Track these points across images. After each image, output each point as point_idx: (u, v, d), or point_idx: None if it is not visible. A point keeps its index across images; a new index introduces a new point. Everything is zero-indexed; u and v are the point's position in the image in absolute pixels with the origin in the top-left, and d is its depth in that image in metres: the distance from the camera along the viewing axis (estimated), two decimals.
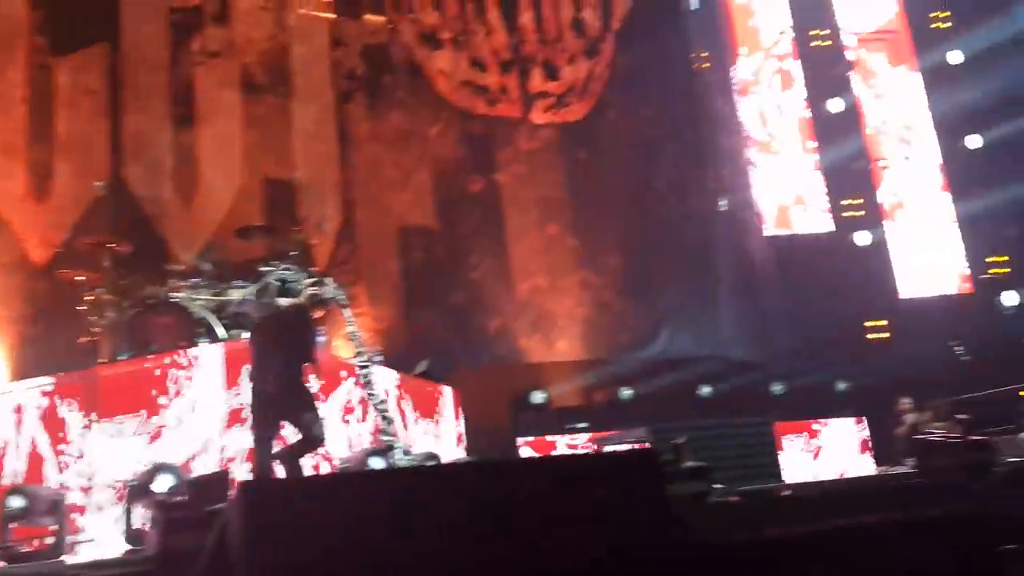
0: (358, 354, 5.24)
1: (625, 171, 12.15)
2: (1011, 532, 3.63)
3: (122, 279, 7.27)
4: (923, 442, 6.31)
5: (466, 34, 11.56)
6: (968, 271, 12.04)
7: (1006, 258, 11.74)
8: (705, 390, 10.66)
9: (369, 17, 11.09)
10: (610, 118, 12.32)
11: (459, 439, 8.06)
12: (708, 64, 12.96)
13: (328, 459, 5.47)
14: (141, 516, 4.83)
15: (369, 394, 5.02)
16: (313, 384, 4.82)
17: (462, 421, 8.28)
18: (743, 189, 12.47)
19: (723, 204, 12.51)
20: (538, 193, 11.66)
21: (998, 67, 11.14)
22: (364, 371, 5.17)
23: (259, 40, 10.44)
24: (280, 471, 4.44)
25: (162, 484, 4.92)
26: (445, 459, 6.53)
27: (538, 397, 10.05)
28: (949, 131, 12.33)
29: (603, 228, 11.78)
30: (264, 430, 4.50)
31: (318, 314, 5.25)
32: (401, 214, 10.82)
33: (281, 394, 4.50)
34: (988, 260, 11.77)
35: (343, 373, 6.08)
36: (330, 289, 5.15)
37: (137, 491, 4.98)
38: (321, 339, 5.53)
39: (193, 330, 6.73)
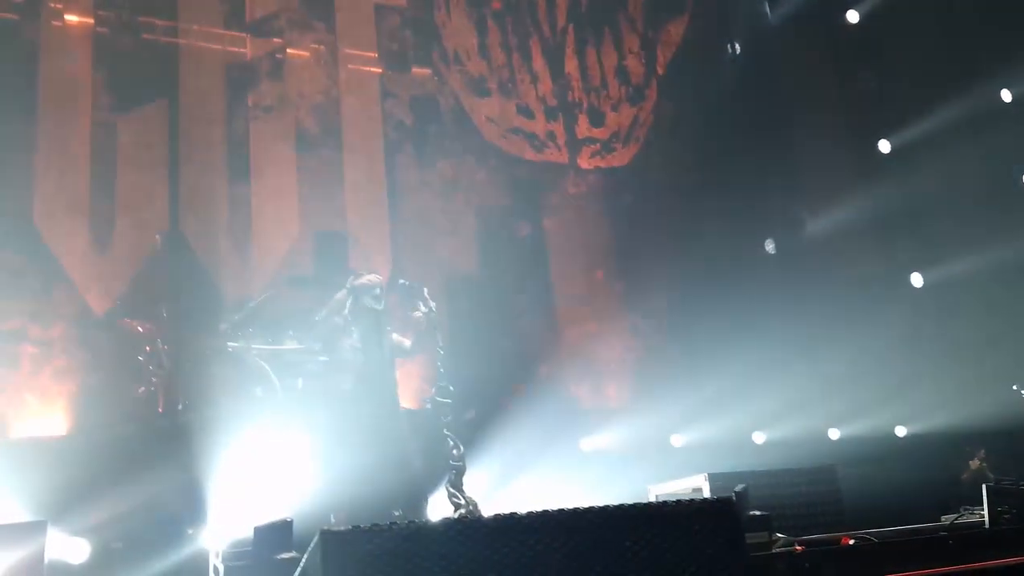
0: (441, 389, 4.87)
1: (671, 215, 12.15)
2: None
3: (179, 330, 7.44)
4: (994, 489, 6.11)
5: (513, 82, 11.74)
6: None
7: None
8: (760, 436, 10.48)
9: (416, 69, 11.32)
10: (655, 163, 12.37)
11: None
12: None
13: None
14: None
15: (447, 437, 4.76)
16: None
17: None
18: (794, 233, 12.34)
19: (770, 247, 12.40)
20: (584, 238, 11.68)
21: None
22: (448, 411, 4.86)
23: (311, 95, 10.69)
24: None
25: (226, 532, 4.95)
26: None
27: (588, 444, 9.94)
28: None
29: (650, 272, 11.74)
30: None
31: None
32: (448, 261, 10.89)
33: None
34: None
35: None
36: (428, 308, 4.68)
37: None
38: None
39: (249, 379, 6.84)
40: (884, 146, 12.73)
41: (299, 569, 2.16)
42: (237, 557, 3.86)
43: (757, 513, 5.33)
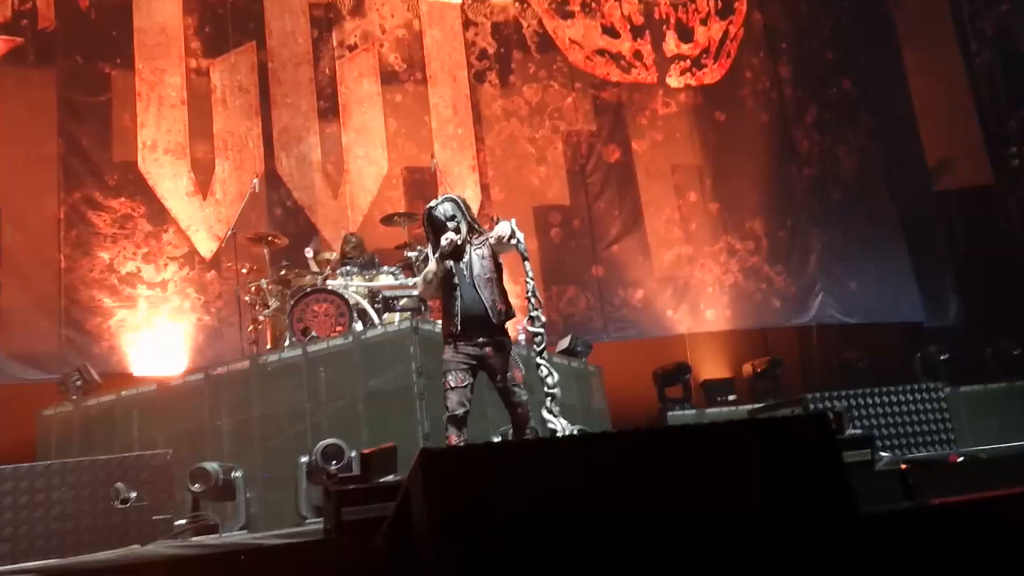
0: (533, 319, 4.85)
1: (765, 132, 11.77)
2: None
3: (281, 270, 7.69)
4: None
5: (596, 1, 11.42)
6: None
7: None
8: (861, 356, 10.22)
9: None
10: (748, 78, 11.93)
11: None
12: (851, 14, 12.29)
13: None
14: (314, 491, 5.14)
15: (540, 365, 4.78)
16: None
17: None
18: (900, 144, 11.78)
19: (873, 159, 11.90)
20: (676, 160, 11.44)
21: None
22: (539, 340, 4.84)
23: (393, 29, 10.69)
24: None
25: (335, 459, 5.19)
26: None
27: (685, 369, 9.89)
28: None
29: (745, 192, 11.46)
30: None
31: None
32: (537, 190, 10.87)
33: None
34: None
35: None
36: (512, 230, 4.61)
37: (310, 467, 5.28)
38: None
39: (350, 315, 7.04)
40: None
41: (403, 487, 2.26)
42: (345, 481, 4.06)
43: (858, 431, 5.24)
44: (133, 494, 4.98)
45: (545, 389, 4.65)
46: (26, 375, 8.61)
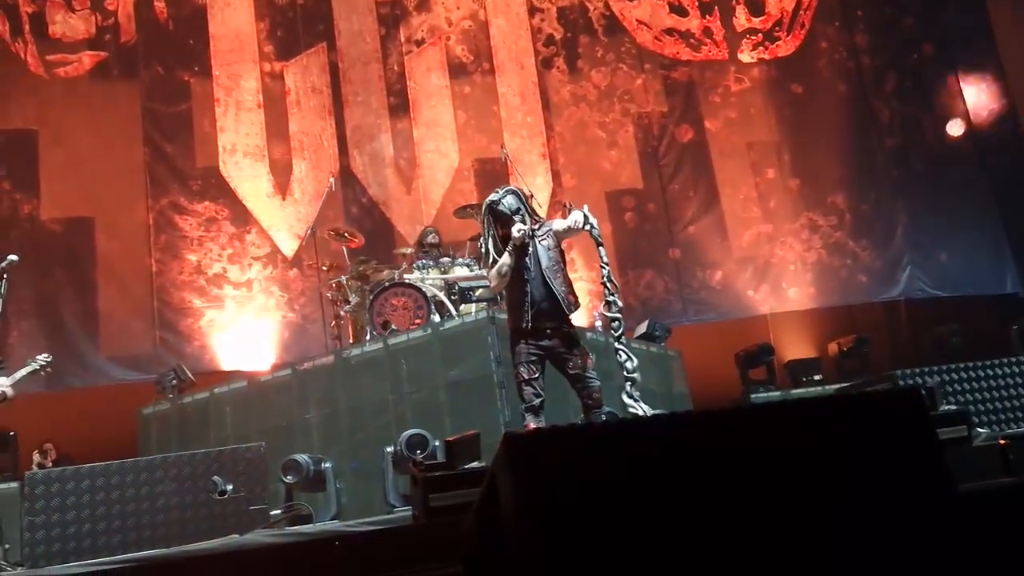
0: (610, 304, 4.84)
1: (843, 103, 11.41)
2: None
3: (359, 265, 7.84)
4: None
5: None
6: None
7: None
8: (953, 330, 9.84)
9: None
10: (823, 49, 11.59)
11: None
12: None
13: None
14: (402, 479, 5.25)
15: (618, 351, 4.78)
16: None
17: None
18: (988, 107, 11.27)
19: (955, 127, 11.41)
20: (751, 136, 11.20)
21: None
22: (617, 326, 4.84)
23: (459, 21, 10.75)
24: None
25: (420, 448, 5.28)
26: None
27: (768, 351, 9.70)
28: None
29: (825, 166, 11.15)
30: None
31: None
32: (609, 174, 10.79)
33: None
34: None
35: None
36: (585, 216, 4.59)
37: (396, 457, 5.39)
38: None
39: (427, 307, 7.14)
40: None
41: (488, 472, 2.29)
42: (432, 469, 4.13)
43: (952, 407, 5.06)
44: (230, 486, 5.17)
45: (624, 374, 4.64)
46: (125, 376, 9.03)
